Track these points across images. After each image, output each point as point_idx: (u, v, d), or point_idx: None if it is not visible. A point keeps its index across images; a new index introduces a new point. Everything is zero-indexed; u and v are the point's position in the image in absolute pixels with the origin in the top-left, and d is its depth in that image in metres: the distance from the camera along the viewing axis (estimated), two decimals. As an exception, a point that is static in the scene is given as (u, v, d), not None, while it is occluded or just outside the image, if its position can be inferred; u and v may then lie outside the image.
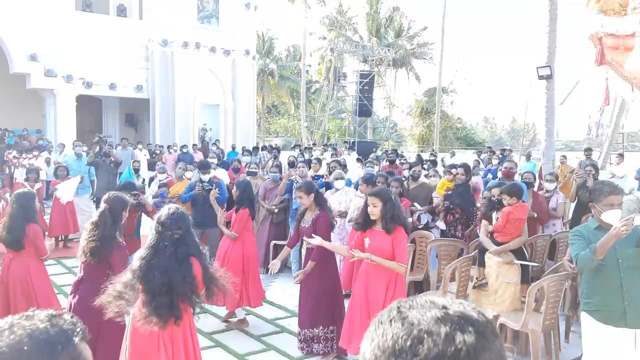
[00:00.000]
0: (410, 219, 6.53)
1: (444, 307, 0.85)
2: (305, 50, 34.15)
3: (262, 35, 37.79)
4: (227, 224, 6.08)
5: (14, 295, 4.68)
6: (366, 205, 4.24)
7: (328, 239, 4.77)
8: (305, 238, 4.85)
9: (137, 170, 9.64)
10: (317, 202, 4.94)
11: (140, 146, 15.70)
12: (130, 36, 19.92)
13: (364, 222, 4.26)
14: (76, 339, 0.98)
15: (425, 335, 0.80)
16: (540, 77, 12.68)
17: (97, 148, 10.28)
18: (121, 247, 4.09)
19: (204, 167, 7.51)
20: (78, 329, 1.00)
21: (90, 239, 3.93)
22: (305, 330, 4.89)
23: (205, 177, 7.23)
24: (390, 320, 0.84)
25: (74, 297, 4.03)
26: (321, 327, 4.85)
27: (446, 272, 5.34)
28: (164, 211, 3.39)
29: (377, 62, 31.40)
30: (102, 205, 4.13)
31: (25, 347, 0.91)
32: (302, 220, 5.02)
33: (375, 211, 4.14)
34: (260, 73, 33.13)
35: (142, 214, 6.32)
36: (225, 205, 8.12)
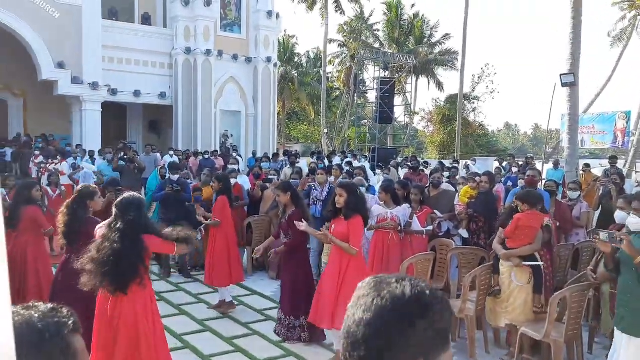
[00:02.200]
0: (430, 227, 6.47)
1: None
2: (326, 57, 34.26)
3: (284, 41, 38.03)
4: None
5: (13, 269, 5.24)
6: (335, 195, 4.88)
7: (301, 233, 5.21)
8: (295, 223, 5.13)
9: (163, 177, 9.86)
10: (293, 200, 5.37)
11: (171, 152, 15.95)
12: (155, 44, 20.29)
13: (334, 211, 4.91)
14: (66, 331, 1.03)
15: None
16: (564, 85, 12.54)
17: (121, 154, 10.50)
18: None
19: (173, 168, 8.29)
20: (70, 323, 1.05)
21: (60, 224, 4.43)
22: (283, 317, 5.40)
23: (175, 177, 7.92)
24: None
25: (61, 274, 4.50)
26: (292, 317, 5.31)
27: (466, 281, 5.30)
28: (122, 197, 3.81)
29: (398, 69, 31.31)
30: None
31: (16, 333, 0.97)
32: (283, 216, 5.48)
33: (340, 200, 4.77)
34: (281, 79, 33.30)
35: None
36: (247, 209, 8.49)
